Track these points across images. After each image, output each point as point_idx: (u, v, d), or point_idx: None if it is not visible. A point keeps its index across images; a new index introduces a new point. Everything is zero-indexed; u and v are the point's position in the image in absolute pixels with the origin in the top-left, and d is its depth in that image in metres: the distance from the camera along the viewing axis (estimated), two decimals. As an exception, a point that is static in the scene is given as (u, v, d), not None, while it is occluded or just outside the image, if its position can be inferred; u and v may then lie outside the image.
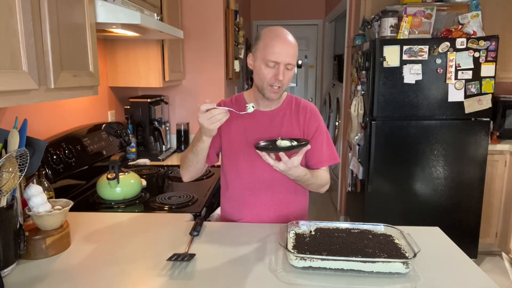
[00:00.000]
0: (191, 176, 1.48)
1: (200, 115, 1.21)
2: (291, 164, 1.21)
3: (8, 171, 1.02)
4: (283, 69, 1.32)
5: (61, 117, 1.85)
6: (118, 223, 1.41)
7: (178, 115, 2.91)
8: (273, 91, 1.35)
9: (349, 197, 3.40)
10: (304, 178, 1.33)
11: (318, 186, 1.43)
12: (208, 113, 1.20)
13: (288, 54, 1.31)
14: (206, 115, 1.20)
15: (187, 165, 1.43)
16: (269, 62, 1.31)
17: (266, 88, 1.36)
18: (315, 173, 1.40)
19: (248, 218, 1.46)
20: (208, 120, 1.20)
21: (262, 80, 1.35)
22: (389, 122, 2.62)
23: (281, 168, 1.22)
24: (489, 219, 2.94)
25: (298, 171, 1.27)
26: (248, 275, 1.04)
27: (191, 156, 1.39)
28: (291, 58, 1.32)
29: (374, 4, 3.07)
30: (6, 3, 0.93)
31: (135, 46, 2.29)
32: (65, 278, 1.02)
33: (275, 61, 1.31)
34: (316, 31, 5.22)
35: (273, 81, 1.33)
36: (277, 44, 1.31)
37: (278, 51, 1.30)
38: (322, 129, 1.48)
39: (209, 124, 1.20)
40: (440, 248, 1.22)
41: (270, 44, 1.31)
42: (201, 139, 1.30)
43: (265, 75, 1.34)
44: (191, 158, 1.39)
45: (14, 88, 0.96)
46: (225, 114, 1.21)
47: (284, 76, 1.33)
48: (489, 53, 2.50)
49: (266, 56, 1.31)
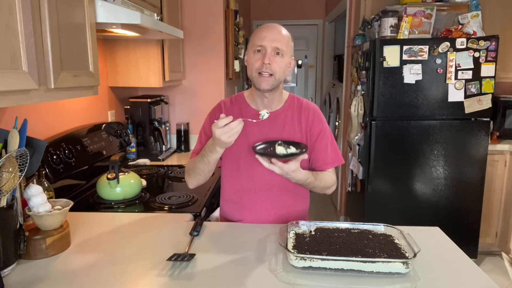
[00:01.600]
0: (199, 183, 1.46)
1: (217, 130, 1.18)
2: (287, 169, 1.20)
3: (8, 171, 1.02)
4: (271, 54, 1.31)
5: (61, 117, 1.85)
6: (118, 223, 1.41)
7: (178, 115, 2.91)
8: (263, 79, 1.32)
9: (349, 197, 3.40)
10: (307, 182, 1.32)
11: (322, 188, 1.41)
12: (227, 127, 1.17)
13: (275, 39, 1.31)
14: (225, 129, 1.17)
15: (196, 174, 1.40)
16: (256, 47, 1.32)
17: (256, 77, 1.33)
18: (320, 176, 1.38)
19: (248, 220, 1.45)
20: (226, 134, 1.18)
21: (251, 69, 1.35)
22: (389, 122, 2.62)
23: (276, 171, 1.22)
24: (489, 219, 2.94)
25: (299, 175, 1.26)
26: (248, 275, 1.04)
27: (202, 165, 1.36)
28: (278, 43, 1.31)
29: (374, 4, 3.07)
30: (6, 3, 0.93)
31: (135, 46, 2.29)
32: (65, 278, 1.02)
33: (261, 44, 1.31)
34: (316, 31, 5.22)
35: (261, 66, 1.31)
36: (264, 29, 1.34)
37: (264, 35, 1.31)
38: (326, 130, 1.46)
39: (227, 138, 1.18)
40: (440, 248, 1.22)
41: (259, 31, 1.34)
42: (215, 150, 1.27)
43: (253, 62, 1.33)
44: (202, 168, 1.37)
45: (14, 88, 0.96)
46: (241, 125, 1.19)
47: (272, 61, 1.30)
48: (489, 53, 2.50)
49: (254, 42, 1.33)
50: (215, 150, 1.27)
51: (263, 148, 1.31)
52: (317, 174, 1.38)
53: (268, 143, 1.33)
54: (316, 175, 1.36)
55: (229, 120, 1.18)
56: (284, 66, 1.35)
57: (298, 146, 1.28)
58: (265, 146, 1.31)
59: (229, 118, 1.18)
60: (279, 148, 1.25)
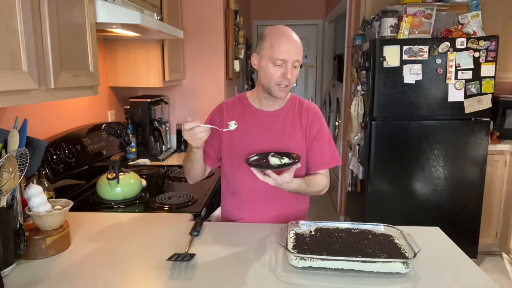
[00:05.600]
0: (194, 180, 1.52)
1: (184, 133, 1.25)
2: (281, 181, 1.22)
3: (8, 171, 1.02)
4: (291, 67, 1.32)
5: (61, 117, 1.85)
6: (118, 223, 1.41)
7: (178, 115, 2.91)
8: (280, 89, 1.35)
9: (349, 197, 3.40)
10: (300, 190, 1.34)
11: (315, 192, 1.44)
12: (192, 131, 1.23)
13: (296, 52, 1.32)
14: (190, 132, 1.24)
15: (187, 171, 1.50)
16: (277, 60, 1.31)
17: (273, 87, 1.35)
18: (312, 182, 1.40)
19: (248, 219, 1.46)
20: (191, 137, 1.25)
21: (269, 79, 1.35)
22: (389, 122, 2.62)
23: (270, 183, 1.23)
24: (489, 219, 2.94)
25: (292, 186, 1.27)
26: (248, 275, 1.04)
27: (188, 164, 1.45)
28: (298, 56, 1.33)
29: (374, 4, 3.07)
30: (6, 3, 0.93)
31: (135, 46, 2.29)
32: (65, 278, 1.02)
33: (283, 59, 1.31)
34: (316, 31, 5.22)
35: (281, 80, 1.33)
36: (284, 42, 1.32)
37: (286, 49, 1.31)
38: (324, 131, 1.47)
39: (193, 142, 1.26)
40: (440, 248, 1.22)
41: (277, 43, 1.31)
42: (192, 150, 1.35)
43: (272, 74, 1.33)
44: (189, 166, 1.45)
45: (14, 88, 0.96)
46: (207, 132, 1.25)
47: (291, 74, 1.33)
48: (489, 53, 2.50)
49: (274, 55, 1.31)
50: (192, 149, 1.35)
51: (256, 160, 1.32)
52: (309, 180, 1.39)
53: (261, 155, 1.34)
54: (308, 182, 1.38)
55: (194, 125, 1.23)
56: (298, 74, 1.38)
57: (290, 157, 1.29)
58: (258, 158, 1.33)
59: (196, 122, 1.23)
60: (272, 159, 1.26)
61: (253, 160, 1.32)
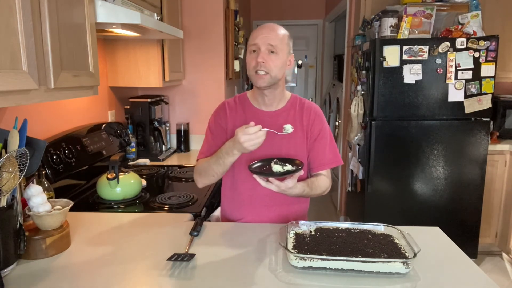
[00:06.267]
0: (207, 184, 1.45)
1: (244, 136, 1.19)
2: (284, 187, 1.22)
3: (8, 171, 1.02)
4: (265, 52, 1.32)
5: (61, 117, 1.85)
6: (118, 223, 1.41)
7: (178, 115, 2.91)
8: (259, 77, 1.33)
9: (349, 197, 3.40)
10: (303, 194, 1.34)
11: (318, 194, 1.43)
12: (254, 135, 1.19)
13: (268, 37, 1.32)
14: (251, 137, 1.19)
15: (209, 175, 1.40)
16: (251, 47, 1.34)
17: (253, 77, 1.35)
18: (315, 184, 1.40)
19: (248, 219, 1.46)
20: (251, 142, 1.19)
21: (248, 69, 1.37)
22: (389, 122, 2.62)
23: (273, 189, 1.23)
24: (489, 219, 2.94)
25: (295, 191, 1.27)
26: (248, 275, 1.04)
27: (217, 167, 1.35)
28: (272, 41, 1.32)
29: (374, 4, 3.07)
30: (6, 3, 0.93)
31: (135, 46, 2.29)
32: (65, 278, 1.02)
33: (255, 43, 1.33)
34: (316, 31, 5.22)
35: (256, 65, 1.33)
36: (258, 29, 1.36)
37: (257, 35, 1.34)
38: (326, 131, 1.47)
39: (251, 146, 1.20)
40: (440, 248, 1.22)
41: (253, 32, 1.37)
42: (232, 154, 1.28)
43: (249, 62, 1.36)
44: (216, 170, 1.36)
45: (14, 88, 0.96)
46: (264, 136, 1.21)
47: (266, 59, 1.31)
48: (489, 53, 2.50)
49: (249, 43, 1.35)
50: (232, 153, 1.27)
51: (259, 167, 1.32)
52: (312, 183, 1.39)
53: (263, 161, 1.34)
54: (311, 185, 1.37)
55: (258, 129, 1.19)
56: (280, 64, 1.35)
57: (293, 163, 1.28)
58: (261, 164, 1.33)
59: (258, 127, 1.20)
60: (275, 166, 1.25)
61: (255, 167, 1.31)
